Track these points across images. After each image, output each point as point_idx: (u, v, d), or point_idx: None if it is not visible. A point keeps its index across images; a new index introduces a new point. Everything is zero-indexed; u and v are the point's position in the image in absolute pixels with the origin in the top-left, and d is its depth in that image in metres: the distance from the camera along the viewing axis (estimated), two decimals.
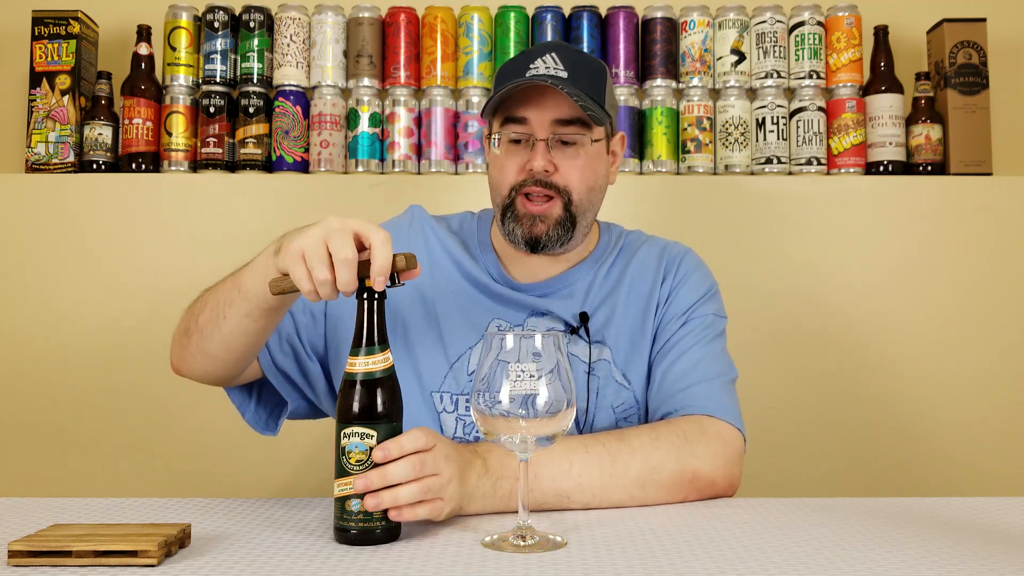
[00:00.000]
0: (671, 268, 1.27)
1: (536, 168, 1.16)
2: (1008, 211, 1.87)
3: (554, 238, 1.19)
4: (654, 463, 1.05)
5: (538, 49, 1.19)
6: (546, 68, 1.16)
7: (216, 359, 1.12)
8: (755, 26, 1.95)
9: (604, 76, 1.21)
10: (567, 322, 1.21)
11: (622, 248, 1.30)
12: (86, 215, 1.85)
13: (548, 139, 1.17)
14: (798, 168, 1.92)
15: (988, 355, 1.85)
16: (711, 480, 1.08)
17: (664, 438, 1.08)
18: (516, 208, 1.19)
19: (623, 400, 1.20)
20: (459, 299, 1.23)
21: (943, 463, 1.85)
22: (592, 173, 1.20)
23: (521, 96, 1.17)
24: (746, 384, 1.82)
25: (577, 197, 1.18)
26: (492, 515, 0.98)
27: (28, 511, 0.98)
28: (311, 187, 1.89)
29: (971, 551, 0.83)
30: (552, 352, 0.86)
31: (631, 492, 1.04)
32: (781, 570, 0.77)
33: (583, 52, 1.24)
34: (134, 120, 1.88)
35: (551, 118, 1.16)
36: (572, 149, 1.18)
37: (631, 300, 1.24)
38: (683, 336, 1.21)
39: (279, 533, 0.90)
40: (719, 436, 1.10)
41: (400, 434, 0.89)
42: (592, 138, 1.18)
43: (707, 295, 1.26)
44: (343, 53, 1.94)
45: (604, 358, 1.21)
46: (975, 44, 1.90)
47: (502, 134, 1.19)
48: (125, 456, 1.84)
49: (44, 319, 1.84)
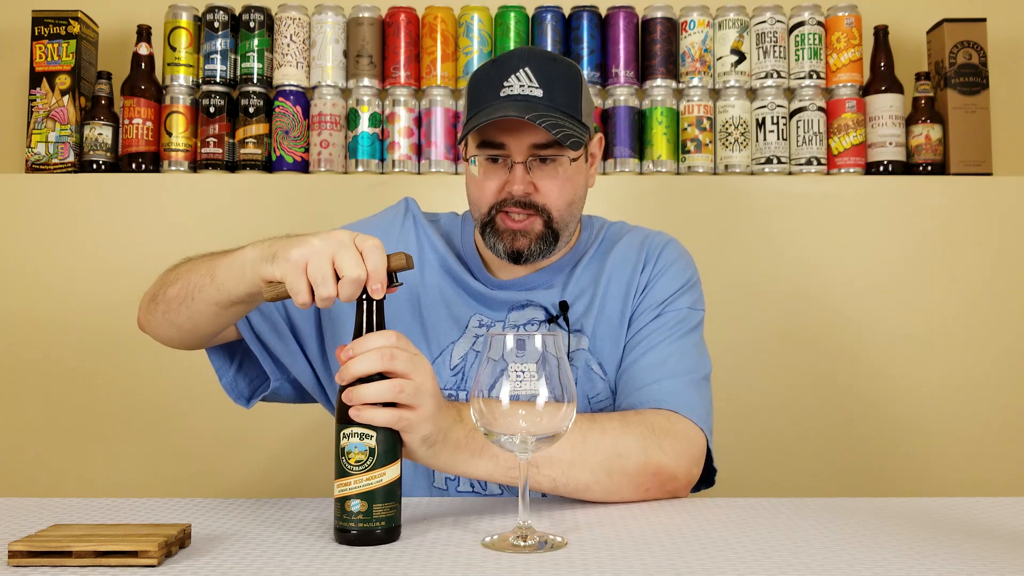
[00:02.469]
0: (651, 257, 1.26)
1: (516, 192, 1.16)
2: (1008, 211, 1.87)
3: (536, 252, 1.19)
4: (622, 448, 1.04)
5: (511, 62, 1.17)
6: (520, 87, 1.14)
7: (183, 330, 1.11)
8: (755, 26, 1.95)
9: (579, 82, 1.19)
10: (547, 310, 1.22)
11: (603, 239, 1.31)
12: (86, 215, 1.85)
13: (526, 161, 1.16)
14: (798, 168, 1.92)
15: (988, 355, 1.85)
16: (673, 475, 1.07)
17: (634, 426, 1.07)
18: (496, 224, 1.19)
19: (598, 391, 1.21)
20: (443, 293, 1.24)
21: (943, 463, 1.85)
22: (572, 188, 1.20)
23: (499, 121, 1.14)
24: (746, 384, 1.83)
25: (558, 214, 1.19)
26: (492, 515, 0.98)
27: (28, 511, 0.98)
28: (311, 187, 1.89)
29: (971, 551, 0.82)
30: (552, 352, 0.86)
31: (597, 475, 1.03)
32: (781, 570, 0.77)
33: (556, 57, 1.21)
34: (134, 120, 1.88)
35: (529, 143, 1.15)
36: (551, 167, 1.17)
37: (611, 291, 1.24)
38: (656, 328, 1.21)
39: (279, 533, 0.90)
40: (684, 434, 1.10)
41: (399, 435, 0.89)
42: (571, 157, 1.17)
43: (685, 287, 1.25)
44: (343, 53, 1.94)
45: (582, 347, 1.21)
46: (975, 44, 1.90)
47: (479, 154, 1.18)
48: (125, 456, 1.84)
49: (44, 319, 1.84)
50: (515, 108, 1.12)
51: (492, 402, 0.85)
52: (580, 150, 1.18)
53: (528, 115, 1.10)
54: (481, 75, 1.19)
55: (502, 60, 1.18)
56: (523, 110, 1.11)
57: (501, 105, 1.13)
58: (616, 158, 1.91)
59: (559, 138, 1.11)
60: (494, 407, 0.85)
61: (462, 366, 1.21)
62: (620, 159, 1.91)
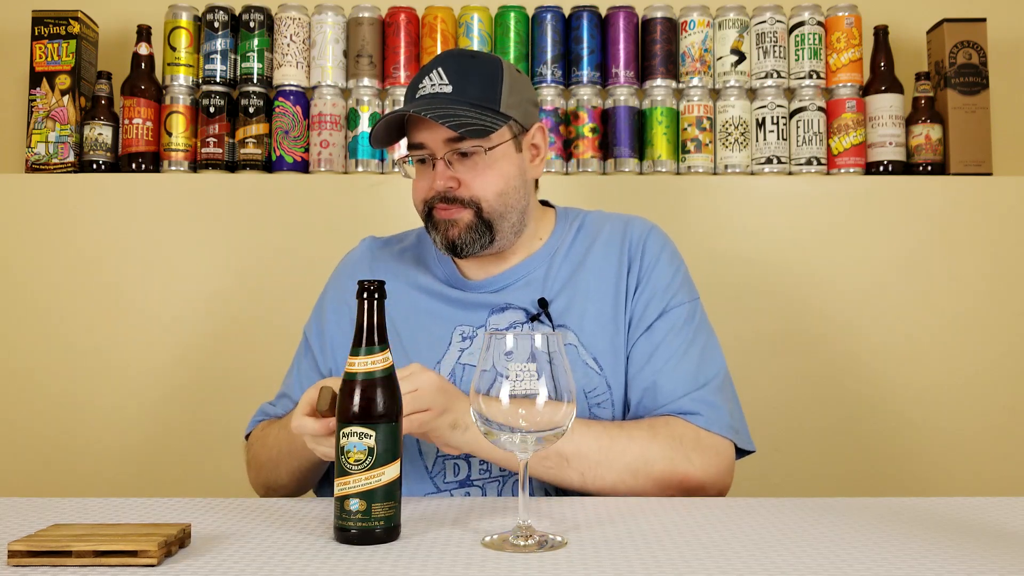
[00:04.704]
0: (636, 252, 1.27)
1: (438, 188, 1.20)
2: (1008, 211, 1.87)
3: (469, 241, 1.21)
4: (649, 456, 1.10)
5: (429, 65, 1.23)
6: (432, 86, 1.20)
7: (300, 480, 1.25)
8: (755, 26, 1.95)
9: (498, 77, 1.22)
10: (527, 311, 1.23)
11: (580, 229, 1.31)
12: (86, 215, 1.85)
13: (444, 156, 1.19)
14: (798, 168, 1.92)
15: (988, 355, 1.85)
16: (700, 485, 1.13)
17: (662, 437, 1.12)
18: (434, 218, 1.23)
19: (595, 386, 1.20)
20: (418, 317, 1.26)
21: (943, 463, 1.85)
22: (499, 177, 1.21)
23: (415, 120, 1.20)
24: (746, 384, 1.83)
25: (487, 205, 1.21)
26: (492, 515, 0.98)
27: (28, 511, 0.98)
28: (311, 187, 1.89)
29: (971, 551, 0.82)
30: (552, 351, 0.86)
31: (623, 476, 1.09)
32: (781, 570, 0.77)
33: (476, 55, 1.26)
34: (134, 120, 1.88)
35: (442, 139, 1.19)
36: (470, 160, 1.20)
37: (596, 283, 1.25)
38: (666, 333, 1.21)
39: (279, 533, 0.90)
40: (713, 447, 1.15)
41: (399, 434, 0.89)
42: (487, 147, 1.19)
43: (678, 279, 1.26)
44: (343, 53, 1.94)
45: (570, 342, 1.21)
46: (975, 44, 1.90)
47: (409, 155, 1.24)
48: (125, 456, 1.84)
49: (44, 319, 1.84)
50: (417, 106, 1.17)
51: (491, 401, 0.85)
52: (502, 136, 1.20)
53: (421, 109, 1.15)
54: (410, 81, 1.26)
55: (425, 65, 1.24)
56: (425, 106, 1.16)
57: (411, 105, 1.18)
58: (616, 158, 1.91)
59: (452, 127, 1.14)
60: (494, 406, 0.85)
61: (451, 380, 1.21)
62: (620, 159, 1.91)
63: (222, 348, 1.85)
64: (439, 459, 1.20)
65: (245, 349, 1.84)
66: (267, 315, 1.84)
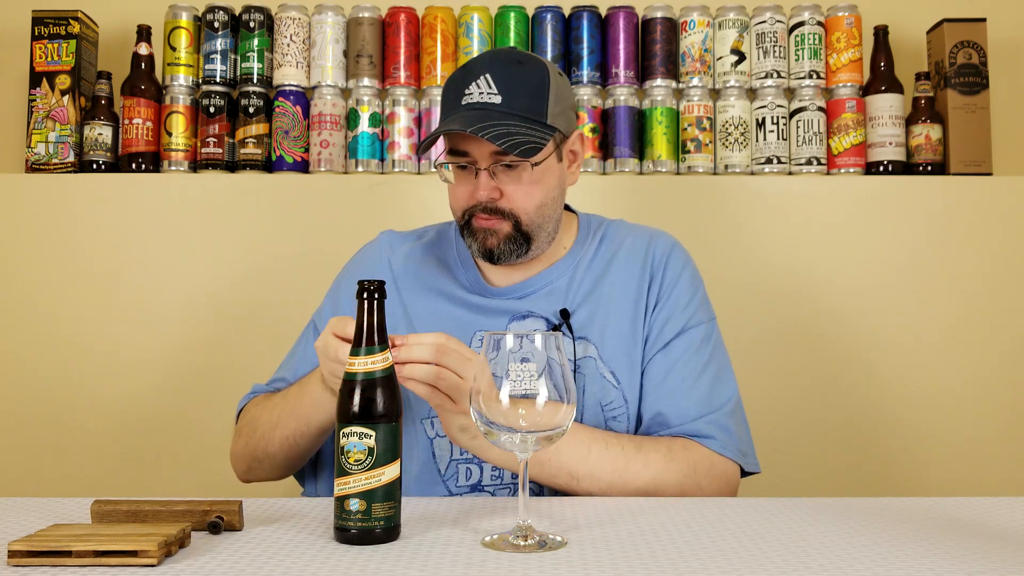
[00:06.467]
0: (658, 268, 1.26)
1: (480, 198, 1.18)
2: (1008, 211, 1.87)
3: (507, 251, 1.20)
4: (661, 482, 1.11)
5: (474, 68, 1.18)
6: (480, 94, 1.15)
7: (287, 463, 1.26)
8: (755, 26, 1.95)
9: (545, 85, 1.18)
10: (549, 321, 1.22)
11: (603, 240, 1.30)
12: (86, 215, 1.85)
13: (489, 167, 1.17)
14: (798, 168, 1.92)
15: (988, 355, 1.85)
16: None
17: (678, 462, 1.13)
18: (472, 225, 1.21)
19: (611, 399, 1.20)
20: (439, 322, 1.24)
21: (943, 463, 1.85)
22: (541, 190, 1.20)
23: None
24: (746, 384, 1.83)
25: (526, 217, 1.19)
26: (492, 515, 0.98)
27: (28, 511, 0.98)
28: (311, 187, 1.89)
29: (971, 551, 0.82)
30: (552, 352, 0.86)
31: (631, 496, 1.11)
32: (781, 570, 0.77)
33: (523, 59, 1.20)
34: (134, 120, 1.88)
35: (488, 151, 1.16)
36: (515, 172, 1.18)
37: (617, 297, 1.24)
38: (682, 353, 1.21)
39: (279, 533, 0.90)
40: (724, 473, 1.16)
41: (399, 435, 0.89)
42: (534, 163, 1.17)
43: (698, 299, 1.26)
44: (343, 53, 1.94)
45: (590, 355, 1.21)
46: (975, 44, 1.90)
47: (449, 162, 1.21)
48: (126, 456, 1.84)
49: (44, 319, 1.84)
50: (467, 119, 1.13)
51: (492, 401, 0.85)
52: (546, 151, 1.18)
53: (475, 126, 1.11)
54: (450, 82, 1.21)
55: (468, 66, 1.20)
56: (476, 120, 1.12)
57: (459, 115, 1.15)
58: (616, 158, 1.91)
59: (505, 148, 1.11)
60: (494, 406, 0.85)
61: None
62: (620, 159, 1.91)
63: (222, 348, 1.85)
64: (452, 463, 1.20)
65: (245, 349, 1.84)
66: (267, 315, 1.84)
